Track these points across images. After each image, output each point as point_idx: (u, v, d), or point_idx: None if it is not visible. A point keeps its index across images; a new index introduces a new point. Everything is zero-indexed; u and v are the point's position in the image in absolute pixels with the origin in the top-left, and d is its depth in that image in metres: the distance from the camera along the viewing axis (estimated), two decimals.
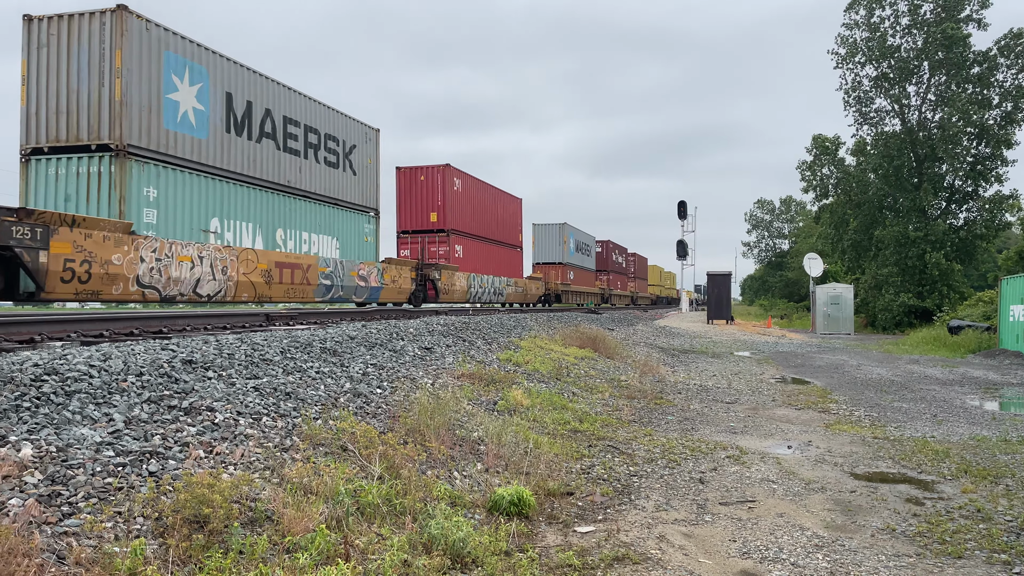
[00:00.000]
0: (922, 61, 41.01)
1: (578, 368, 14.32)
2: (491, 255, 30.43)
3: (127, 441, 4.69)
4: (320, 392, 7.16)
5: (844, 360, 21.34)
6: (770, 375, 17.43)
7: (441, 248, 25.88)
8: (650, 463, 7.73)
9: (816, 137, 44.79)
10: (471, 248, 28.01)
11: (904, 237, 39.70)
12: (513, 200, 34.32)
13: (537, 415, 9.15)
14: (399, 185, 26.39)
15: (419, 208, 26.12)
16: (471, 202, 28.19)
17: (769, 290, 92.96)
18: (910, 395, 13.67)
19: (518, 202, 35.17)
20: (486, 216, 29.98)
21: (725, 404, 12.43)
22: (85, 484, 4.04)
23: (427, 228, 25.98)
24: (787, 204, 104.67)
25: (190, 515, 3.99)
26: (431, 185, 26.08)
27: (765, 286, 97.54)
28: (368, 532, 4.59)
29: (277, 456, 5.26)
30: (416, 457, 6.01)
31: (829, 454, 8.46)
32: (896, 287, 39.38)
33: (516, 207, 34.81)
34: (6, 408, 4.66)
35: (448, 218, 26.02)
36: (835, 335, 35.38)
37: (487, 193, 30.46)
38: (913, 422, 10.77)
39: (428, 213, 25.93)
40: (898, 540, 5.50)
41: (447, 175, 26.07)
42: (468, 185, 28.08)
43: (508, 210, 33.41)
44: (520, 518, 5.55)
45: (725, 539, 5.44)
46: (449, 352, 11.83)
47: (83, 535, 3.64)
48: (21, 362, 5.60)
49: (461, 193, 27.15)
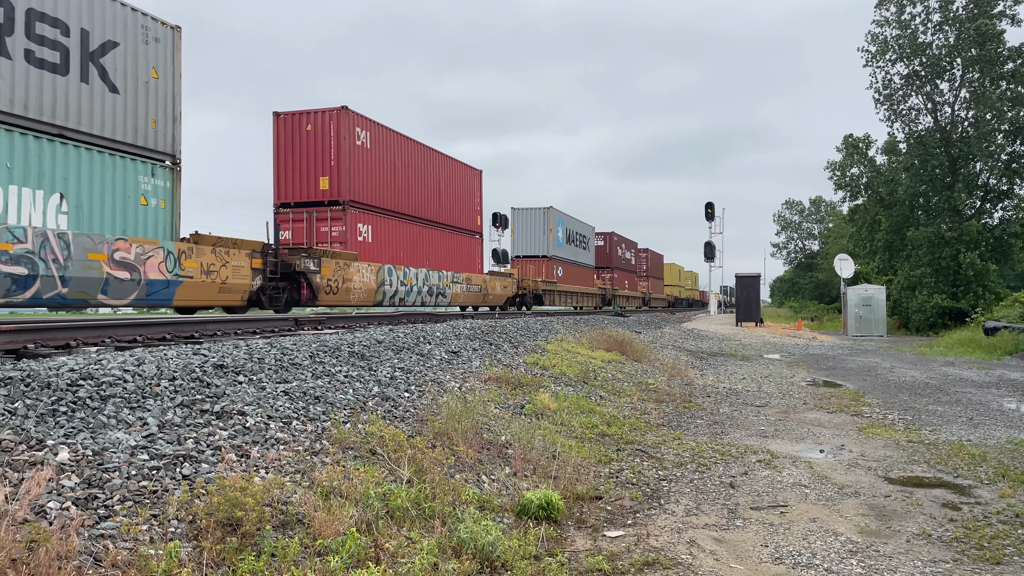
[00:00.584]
0: (954, 58, 40.34)
1: (605, 371, 14.27)
2: (425, 242, 23.18)
3: (161, 445, 4.76)
4: (349, 396, 7.21)
5: (877, 362, 21.02)
6: (801, 378, 17.23)
7: (335, 228, 18.74)
8: (679, 467, 7.67)
9: (847, 137, 44.27)
10: (387, 230, 20.71)
11: (937, 237, 39.03)
12: (466, 171, 26.40)
13: (564, 419, 9.13)
14: (277, 138, 19.15)
15: (305, 171, 18.99)
16: (387, 165, 20.75)
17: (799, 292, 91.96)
18: (945, 398, 13.43)
19: (475, 175, 27.08)
20: (419, 187, 22.80)
21: (755, 407, 12.30)
22: (121, 487, 4.11)
23: (315, 200, 19.01)
24: (817, 205, 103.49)
25: (223, 518, 4.04)
26: (321, 138, 18.76)
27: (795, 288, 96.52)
28: (398, 535, 4.61)
29: (307, 460, 5.30)
30: (444, 461, 6.02)
31: (862, 458, 8.33)
32: (930, 288, 38.73)
33: (472, 181, 26.80)
34: (43, 413, 4.75)
35: (346, 185, 18.64)
36: (867, 337, 34.87)
37: (419, 156, 22.83)
38: (948, 425, 10.58)
39: (317, 178, 18.86)
40: (934, 546, 5.40)
41: (344, 123, 18.68)
42: (381, 141, 20.43)
43: (458, 183, 25.59)
44: (549, 522, 5.54)
45: (757, 544, 5.38)
46: (476, 356, 11.85)
47: (119, 537, 3.69)
48: (58, 367, 5.71)
49: (369, 151, 19.83)
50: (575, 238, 39.64)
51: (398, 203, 21.63)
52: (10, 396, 4.85)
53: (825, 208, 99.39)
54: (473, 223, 27.10)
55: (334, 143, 18.75)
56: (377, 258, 20.16)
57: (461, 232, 26.18)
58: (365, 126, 19.76)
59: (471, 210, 27.06)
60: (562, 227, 36.82)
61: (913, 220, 41.32)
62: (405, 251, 22.04)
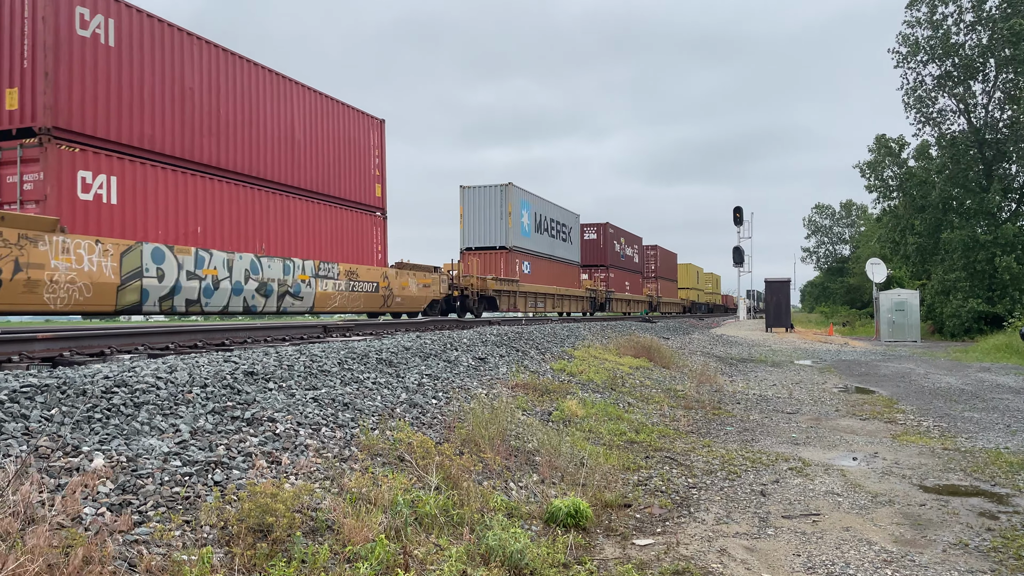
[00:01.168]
0: (987, 58, 39.65)
1: (633, 378, 14.19)
2: (258, 214, 16.13)
3: (193, 451, 4.82)
4: (377, 403, 7.25)
5: (910, 368, 20.67)
6: (833, 384, 16.99)
7: (29, 176, 11.79)
8: (709, 475, 7.60)
9: (879, 137, 43.67)
10: (159, 187, 13.73)
11: (972, 240, 38.32)
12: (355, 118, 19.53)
13: (592, 425, 9.09)
14: None
15: None
16: (161, 81, 13.94)
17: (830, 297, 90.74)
18: (981, 405, 13.16)
19: (372, 125, 20.31)
20: (248, 129, 16.00)
21: (786, 414, 12.15)
22: (154, 493, 4.17)
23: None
24: (847, 208, 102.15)
25: (254, 524, 4.08)
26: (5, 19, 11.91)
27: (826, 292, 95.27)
28: (426, 542, 4.62)
29: (336, 466, 5.33)
30: (472, 467, 6.02)
31: (896, 466, 8.19)
32: (965, 292, 38.01)
33: (367, 134, 19.98)
34: (79, 419, 4.84)
35: (50, 103, 11.82)
36: (900, 343, 34.31)
37: (249, 81, 16.00)
38: (985, 433, 10.37)
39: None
40: (971, 556, 5.29)
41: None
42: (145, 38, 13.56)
43: (336, 133, 18.77)
44: (577, 530, 5.51)
45: (789, 553, 5.30)
46: (503, 362, 11.86)
47: (153, 543, 3.74)
48: (92, 375, 5.81)
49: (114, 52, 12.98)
50: (550, 227, 31.64)
51: (193, 147, 14.61)
52: (47, 403, 4.94)
53: (856, 212, 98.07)
54: (366, 194, 19.79)
55: (27, 28, 11.73)
56: (130, 232, 13.12)
57: (341, 205, 18.81)
58: (105, 8, 12.76)
59: (363, 175, 19.65)
60: (528, 211, 28.81)
61: (947, 223, 40.63)
62: (208, 224, 14.79)
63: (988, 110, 40.80)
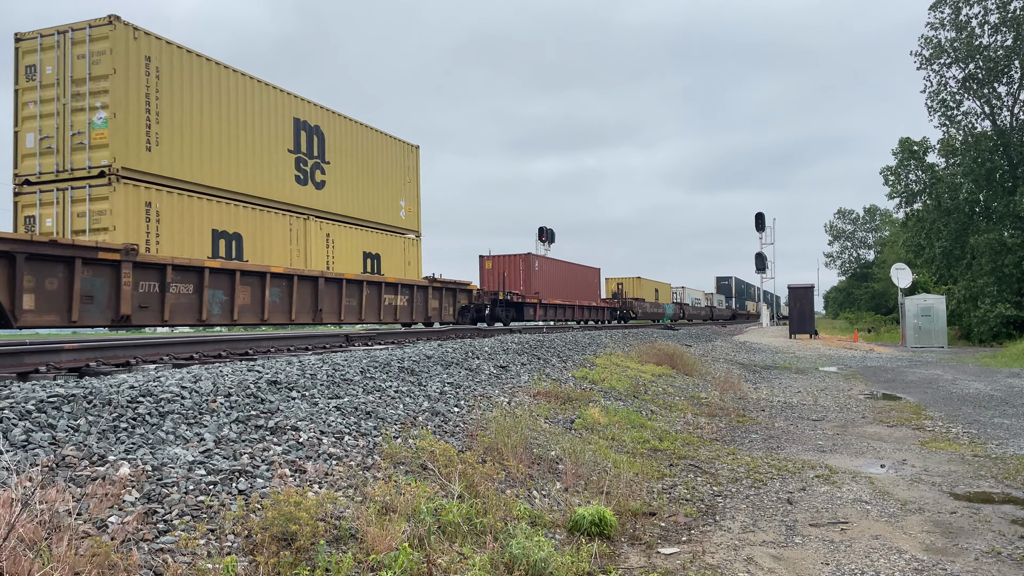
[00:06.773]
0: (1012, 60, 39.14)
1: (656, 385, 14.10)
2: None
3: (217, 460, 4.84)
4: (399, 411, 7.25)
5: (938, 374, 20.36)
6: (859, 391, 16.77)
7: None
8: (735, 483, 7.51)
9: (903, 140, 43.19)
10: None
11: (1000, 244, 37.73)
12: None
13: (615, 433, 9.03)
14: None
15: None
16: None
17: (854, 303, 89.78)
18: (1011, 410, 12.92)
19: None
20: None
21: (812, 421, 12.01)
22: (179, 502, 4.18)
23: None
24: (871, 213, 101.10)
25: (278, 532, 4.08)
26: None
27: (850, 298, 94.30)
28: (450, 551, 4.59)
29: (359, 475, 5.33)
30: (495, 476, 6.00)
31: (926, 473, 8.05)
32: (992, 297, 37.40)
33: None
34: (105, 429, 4.88)
35: None
36: (927, 348, 33.81)
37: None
38: (1016, 439, 10.17)
39: None
40: (1004, 564, 5.17)
41: None
42: None
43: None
44: (601, 538, 5.47)
45: (817, 562, 5.22)
46: (524, 370, 11.82)
47: (178, 552, 3.76)
48: (118, 385, 5.86)
49: None
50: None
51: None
52: (73, 413, 4.99)
53: (880, 216, 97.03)
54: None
55: None
56: None
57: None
58: None
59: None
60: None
61: (973, 227, 40.05)
62: None
63: (1013, 112, 40.26)
